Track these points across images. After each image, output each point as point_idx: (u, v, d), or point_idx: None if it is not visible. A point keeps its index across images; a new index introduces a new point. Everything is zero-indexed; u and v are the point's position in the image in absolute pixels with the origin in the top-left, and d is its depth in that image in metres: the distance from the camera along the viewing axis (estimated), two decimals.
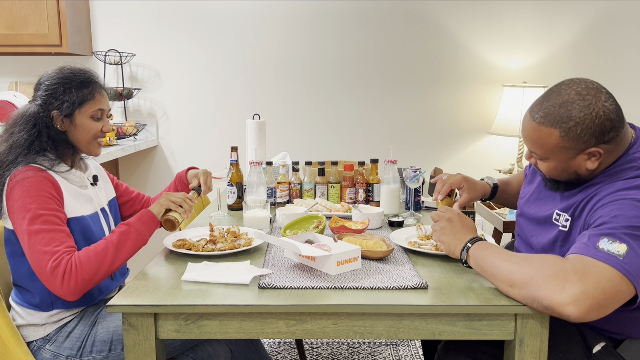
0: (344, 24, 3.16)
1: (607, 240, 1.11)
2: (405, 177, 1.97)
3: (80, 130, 1.50)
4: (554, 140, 1.25)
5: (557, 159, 1.28)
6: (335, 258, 1.33)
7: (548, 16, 3.13)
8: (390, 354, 2.59)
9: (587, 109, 1.21)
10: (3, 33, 2.82)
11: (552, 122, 1.24)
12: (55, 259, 1.30)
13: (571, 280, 1.07)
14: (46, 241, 1.32)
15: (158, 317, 1.20)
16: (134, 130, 3.06)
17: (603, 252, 1.10)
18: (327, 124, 3.25)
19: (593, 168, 1.27)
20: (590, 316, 1.06)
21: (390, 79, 3.21)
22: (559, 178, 1.35)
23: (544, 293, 1.09)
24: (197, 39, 3.16)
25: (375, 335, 1.21)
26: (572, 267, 1.09)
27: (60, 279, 1.30)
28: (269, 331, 1.21)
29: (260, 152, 2.34)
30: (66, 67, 1.53)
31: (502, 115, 3.00)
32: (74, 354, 1.43)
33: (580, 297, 1.05)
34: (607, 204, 1.20)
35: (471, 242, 1.29)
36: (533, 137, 1.29)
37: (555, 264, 1.11)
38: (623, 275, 1.07)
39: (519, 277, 1.14)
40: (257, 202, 1.78)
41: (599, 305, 1.06)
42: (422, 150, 3.26)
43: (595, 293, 1.06)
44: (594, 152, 1.25)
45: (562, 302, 1.06)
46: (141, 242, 1.45)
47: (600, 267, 1.08)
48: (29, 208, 1.34)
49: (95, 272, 1.33)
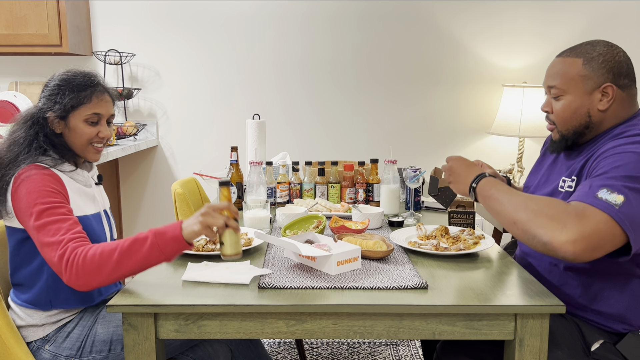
0: (344, 24, 3.16)
1: (606, 190, 1.19)
2: (405, 177, 1.97)
3: (74, 134, 1.48)
4: (576, 68, 1.36)
5: (575, 92, 1.37)
6: (335, 258, 1.33)
7: (548, 16, 3.13)
8: (390, 354, 2.59)
9: (610, 47, 1.36)
10: (3, 33, 2.82)
11: (576, 53, 1.38)
12: (61, 247, 1.28)
13: (572, 221, 1.15)
14: (52, 232, 1.31)
15: (158, 317, 1.20)
16: (134, 130, 3.06)
17: (601, 201, 1.18)
18: (327, 124, 3.25)
19: (604, 109, 1.35)
20: (585, 256, 1.15)
21: (390, 79, 3.21)
22: (569, 124, 1.40)
23: (545, 231, 1.17)
24: (197, 39, 3.16)
25: (375, 335, 1.21)
26: (574, 210, 1.17)
27: (65, 266, 1.25)
28: (269, 331, 1.21)
29: (260, 152, 2.34)
30: (70, 70, 1.52)
31: (502, 115, 3.00)
32: (73, 354, 1.43)
33: (579, 237, 1.14)
34: (609, 156, 1.27)
35: (475, 182, 1.38)
36: (556, 68, 1.40)
37: (558, 205, 1.19)
38: (617, 222, 1.16)
39: (523, 215, 1.21)
40: (257, 202, 1.78)
41: (594, 247, 1.15)
42: (422, 150, 3.26)
43: (592, 235, 1.14)
44: (608, 90, 1.34)
45: (561, 241, 1.14)
46: (155, 258, 1.23)
47: (598, 213, 1.16)
48: (35, 204, 1.34)
49: (96, 270, 1.24)
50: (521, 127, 2.90)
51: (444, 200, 1.91)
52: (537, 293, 1.23)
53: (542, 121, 2.91)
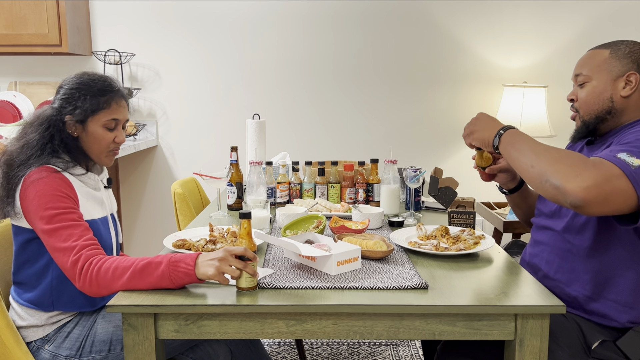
0: (344, 24, 3.16)
1: (626, 153, 1.24)
2: (405, 177, 1.97)
3: (91, 139, 1.49)
4: (603, 56, 1.44)
5: (599, 78, 1.43)
6: (335, 258, 1.33)
7: (548, 16, 3.13)
8: (390, 354, 2.59)
9: (637, 42, 1.43)
10: (3, 33, 2.82)
11: (605, 46, 1.46)
12: (75, 254, 1.31)
13: (588, 170, 1.19)
14: (64, 237, 1.33)
15: (158, 317, 1.20)
16: (134, 130, 3.06)
17: (619, 160, 1.22)
18: (327, 124, 3.25)
19: (626, 95, 1.40)
20: (593, 206, 1.18)
21: (390, 78, 3.20)
22: (592, 108, 1.44)
23: (561, 175, 1.20)
24: (197, 39, 3.16)
25: (375, 335, 1.21)
26: (592, 162, 1.22)
27: (79, 273, 1.29)
28: (269, 331, 1.20)
29: (260, 152, 2.34)
30: (87, 73, 1.52)
31: (502, 115, 3.00)
32: (73, 354, 1.43)
33: (592, 184, 1.17)
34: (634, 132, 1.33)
35: (504, 130, 1.41)
36: (584, 58, 1.48)
37: (579, 157, 1.24)
38: (629, 180, 1.19)
39: (543, 160, 1.25)
40: (257, 202, 1.78)
41: (604, 198, 1.18)
42: (422, 150, 3.26)
43: (604, 185, 1.18)
44: (632, 78, 1.40)
45: (574, 186, 1.18)
46: (164, 284, 1.23)
47: (614, 167, 1.20)
48: (45, 207, 1.35)
49: (109, 284, 1.26)
50: (521, 127, 2.90)
51: (444, 200, 1.91)
52: (537, 293, 1.23)
53: (542, 121, 2.91)
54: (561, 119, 3.14)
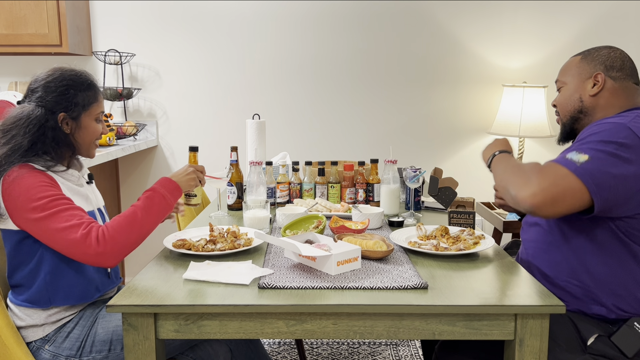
0: (344, 24, 3.16)
1: (575, 152, 1.30)
2: (405, 177, 1.97)
3: (84, 132, 1.51)
4: (575, 62, 1.54)
5: (571, 82, 1.52)
6: (335, 258, 1.33)
7: (548, 16, 3.13)
8: (390, 354, 2.59)
9: (609, 48, 1.51)
10: (3, 33, 2.82)
11: (581, 52, 1.56)
12: (85, 227, 1.32)
13: (534, 177, 1.27)
14: (66, 218, 1.33)
15: (158, 317, 1.20)
16: (134, 130, 3.06)
17: (566, 160, 1.29)
18: (327, 124, 3.25)
19: (593, 94, 1.47)
20: (544, 209, 1.25)
21: (390, 78, 3.21)
22: (566, 109, 1.53)
23: (514, 185, 1.31)
24: (197, 39, 3.16)
25: (375, 335, 1.21)
26: (541, 168, 1.30)
27: (96, 242, 1.31)
28: (269, 331, 1.21)
29: (260, 152, 2.34)
30: (64, 69, 1.51)
31: (502, 115, 3.00)
32: (73, 354, 1.43)
33: (537, 190, 1.25)
34: (587, 130, 1.39)
35: (499, 152, 1.53)
36: (563, 66, 1.58)
37: (532, 166, 1.33)
38: (576, 177, 1.25)
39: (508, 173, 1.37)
40: (257, 202, 1.78)
41: (552, 200, 1.24)
42: (422, 150, 3.26)
43: (549, 188, 1.24)
44: (598, 78, 1.46)
45: (524, 195, 1.26)
46: (165, 206, 1.46)
47: (558, 168, 1.28)
48: (35, 198, 1.34)
49: (128, 234, 1.35)
50: (521, 127, 2.90)
51: (444, 200, 1.92)
52: (537, 293, 1.23)
53: (542, 121, 2.91)
54: None
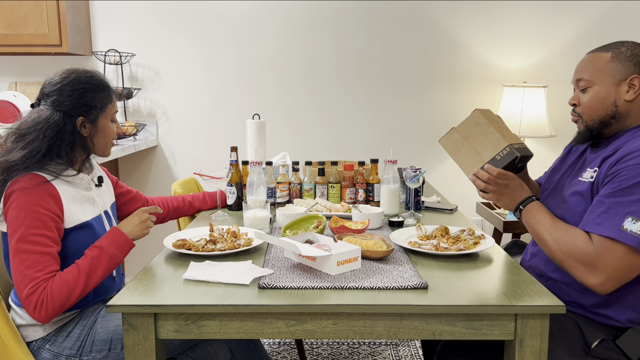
0: (344, 24, 3.16)
1: (631, 220, 1.24)
2: (405, 177, 1.97)
3: (102, 134, 1.52)
4: (604, 61, 1.41)
5: (602, 83, 1.41)
6: (335, 258, 1.33)
7: (548, 16, 3.13)
8: (390, 354, 2.59)
9: (637, 44, 1.41)
10: (3, 33, 2.82)
11: (605, 49, 1.43)
12: (33, 286, 1.31)
13: (596, 266, 1.26)
14: (29, 263, 1.32)
15: (158, 317, 1.20)
16: (134, 130, 3.06)
17: (626, 233, 1.24)
18: (327, 123, 3.25)
19: (630, 99, 1.38)
20: (615, 289, 1.28)
21: (390, 78, 3.21)
22: (595, 113, 1.42)
23: (575, 272, 1.31)
24: (197, 39, 3.16)
25: (375, 335, 1.21)
26: (595, 252, 1.27)
27: (33, 307, 1.31)
28: (269, 331, 1.21)
29: (260, 152, 2.34)
30: (80, 70, 1.51)
31: (502, 115, 3.00)
32: (73, 353, 1.43)
33: (605, 280, 1.26)
34: (631, 160, 1.29)
35: (523, 205, 1.46)
36: (585, 62, 1.45)
37: (582, 248, 1.29)
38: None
39: (557, 253, 1.34)
40: (257, 202, 1.78)
41: (621, 280, 1.26)
42: (422, 150, 3.26)
43: (616, 273, 1.25)
44: (635, 82, 1.38)
45: (591, 284, 1.28)
46: (114, 265, 1.43)
47: (622, 248, 1.24)
48: (21, 224, 1.34)
49: (65, 301, 1.34)
50: (521, 127, 2.90)
51: (519, 150, 1.58)
52: (537, 293, 1.23)
53: (542, 121, 2.91)
54: (561, 119, 3.14)
